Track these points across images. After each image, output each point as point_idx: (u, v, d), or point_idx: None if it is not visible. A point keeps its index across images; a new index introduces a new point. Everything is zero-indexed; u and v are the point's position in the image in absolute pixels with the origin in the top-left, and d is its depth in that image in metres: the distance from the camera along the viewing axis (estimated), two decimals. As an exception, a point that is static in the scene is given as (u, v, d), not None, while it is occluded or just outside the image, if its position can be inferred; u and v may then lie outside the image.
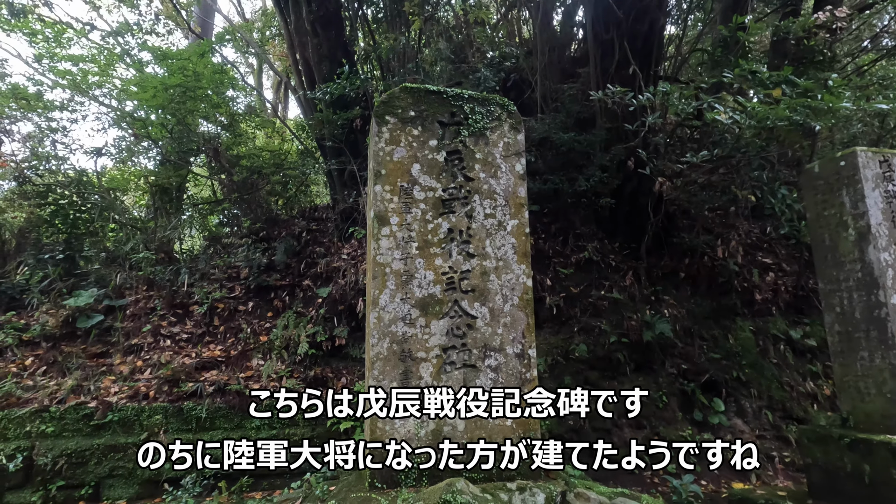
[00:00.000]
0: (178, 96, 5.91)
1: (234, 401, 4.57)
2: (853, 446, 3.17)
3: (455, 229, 2.72)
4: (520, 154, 2.93)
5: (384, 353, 2.50)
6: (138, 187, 8.43)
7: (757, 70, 4.50)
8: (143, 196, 8.92)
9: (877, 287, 3.25)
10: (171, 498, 3.30)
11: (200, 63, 6.40)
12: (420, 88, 2.87)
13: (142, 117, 6.77)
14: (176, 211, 7.94)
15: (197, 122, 7.41)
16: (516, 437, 2.56)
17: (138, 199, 9.46)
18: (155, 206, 8.18)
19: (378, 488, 2.35)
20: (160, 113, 6.35)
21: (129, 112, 6.84)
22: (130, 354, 5.08)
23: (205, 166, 8.70)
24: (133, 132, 6.90)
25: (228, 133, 7.86)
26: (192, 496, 3.20)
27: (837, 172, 3.52)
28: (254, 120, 7.89)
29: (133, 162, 8.76)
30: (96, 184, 7.57)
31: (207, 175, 8.22)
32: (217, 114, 6.89)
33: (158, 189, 8.08)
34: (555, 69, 6.99)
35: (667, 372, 5.34)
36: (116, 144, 8.31)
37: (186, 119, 6.99)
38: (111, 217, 7.30)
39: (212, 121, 7.73)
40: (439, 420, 2.49)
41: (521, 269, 2.76)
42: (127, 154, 8.40)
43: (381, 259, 2.60)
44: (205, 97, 6.15)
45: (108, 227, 7.49)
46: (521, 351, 2.66)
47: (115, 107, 7.44)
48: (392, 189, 2.69)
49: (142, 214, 8.53)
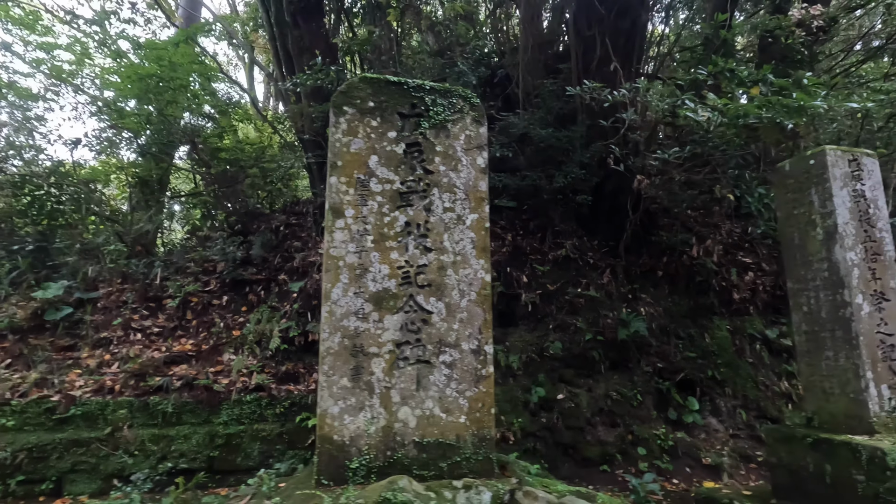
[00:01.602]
0: (153, 86, 5.81)
1: (203, 395, 4.51)
2: (816, 446, 3.15)
3: (412, 223, 2.67)
4: (482, 147, 2.88)
5: (335, 348, 2.45)
6: (119, 179, 8.32)
7: (734, 69, 4.47)
8: (126, 188, 8.82)
9: (842, 286, 3.23)
10: (120, 494, 3.23)
11: (177, 53, 6.30)
12: (380, 79, 2.82)
13: (119, 107, 6.66)
14: (157, 204, 7.85)
15: (178, 113, 7.30)
16: (470, 435, 2.52)
17: (121, 192, 9.35)
18: (135, 198, 8.09)
19: (325, 485, 2.30)
20: (136, 103, 6.24)
21: (107, 102, 6.72)
22: (99, 348, 5.00)
23: (189, 159, 8.61)
24: (109, 122, 6.79)
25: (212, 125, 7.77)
26: (141, 493, 3.12)
27: (807, 171, 3.49)
28: (236, 113, 7.79)
29: (115, 154, 8.65)
30: (74, 175, 7.46)
31: (190, 168, 8.12)
32: (195, 105, 6.78)
33: (139, 181, 7.99)
34: (538, 65, 6.93)
35: (642, 370, 5.32)
36: (97, 135, 8.21)
37: (166, 110, 6.89)
38: (89, 209, 7.20)
39: (194, 112, 7.63)
40: (391, 416, 2.45)
41: (480, 264, 2.72)
42: (108, 145, 8.29)
43: (335, 252, 2.55)
44: (181, 88, 6.04)
45: (88, 220, 7.39)
46: (478, 347, 2.62)
47: (94, 96, 7.32)
48: (348, 181, 2.64)
49: (123, 207, 8.44)
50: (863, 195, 3.38)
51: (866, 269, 3.26)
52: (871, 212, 3.37)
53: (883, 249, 3.35)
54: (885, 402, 3.09)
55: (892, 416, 3.08)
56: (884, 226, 3.38)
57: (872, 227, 3.35)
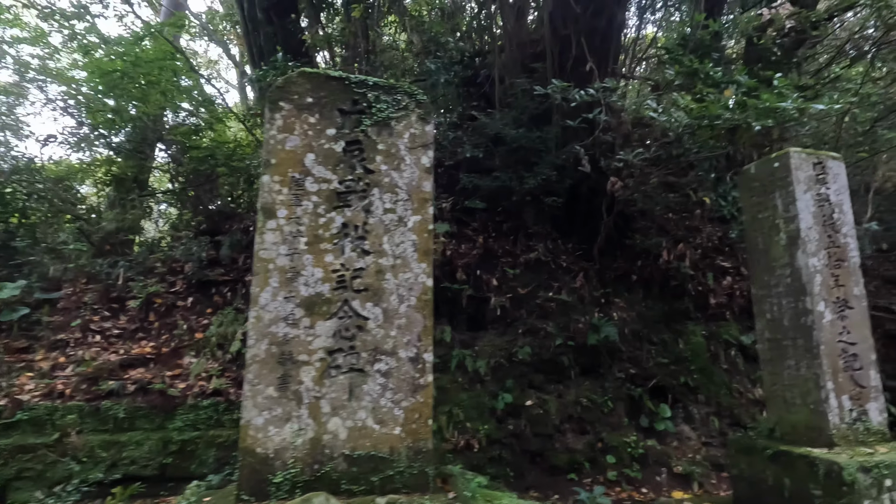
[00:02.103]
0: (117, 82, 5.68)
1: (157, 400, 4.38)
2: (775, 458, 3.05)
3: (350, 224, 2.55)
4: (427, 146, 2.76)
5: (261, 356, 2.33)
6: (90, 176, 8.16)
7: (708, 70, 4.38)
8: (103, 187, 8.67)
9: (804, 293, 3.13)
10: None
11: (150, 50, 6.17)
12: (320, 74, 2.70)
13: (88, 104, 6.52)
14: (131, 202, 7.70)
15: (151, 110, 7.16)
16: (404, 447, 2.40)
17: (99, 190, 9.20)
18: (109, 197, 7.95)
19: (244, 501, 2.18)
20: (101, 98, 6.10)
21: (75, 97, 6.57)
22: (55, 350, 4.86)
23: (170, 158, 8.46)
24: (77, 118, 6.65)
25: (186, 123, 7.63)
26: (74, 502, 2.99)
27: (772, 174, 3.39)
28: (210, 111, 7.65)
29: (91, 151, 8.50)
30: (42, 172, 7.32)
31: (163, 167, 7.98)
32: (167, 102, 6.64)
33: (114, 179, 7.85)
34: (517, 65, 6.83)
35: (614, 376, 5.21)
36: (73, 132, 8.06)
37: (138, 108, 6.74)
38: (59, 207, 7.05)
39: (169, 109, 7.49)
40: (320, 428, 2.33)
41: (422, 268, 2.60)
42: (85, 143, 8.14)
43: (265, 255, 2.43)
44: (149, 84, 5.91)
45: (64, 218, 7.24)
46: (416, 355, 2.50)
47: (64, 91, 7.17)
48: (282, 180, 2.52)
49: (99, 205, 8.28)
50: (827, 199, 3.28)
51: (829, 275, 3.16)
52: (835, 216, 3.27)
53: (847, 255, 3.25)
54: (846, 414, 2.99)
55: (852, 429, 2.98)
56: (848, 231, 3.29)
57: (837, 232, 3.26)
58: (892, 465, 2.73)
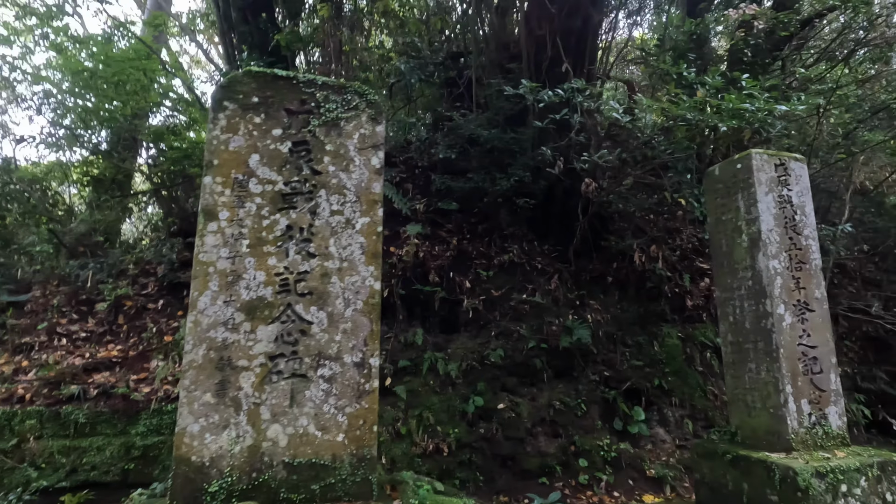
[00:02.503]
0: (87, 81, 5.60)
1: (120, 405, 4.30)
2: (735, 463, 3.01)
3: (295, 226, 2.50)
4: (377, 147, 2.71)
5: (199, 361, 2.27)
6: (68, 178, 8.07)
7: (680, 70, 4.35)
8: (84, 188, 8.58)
9: (765, 296, 3.10)
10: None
11: (124, 50, 6.09)
12: (266, 73, 2.65)
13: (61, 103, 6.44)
14: (107, 203, 7.62)
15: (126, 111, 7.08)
16: (347, 454, 2.34)
17: (80, 191, 9.10)
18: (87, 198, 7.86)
19: (177, 511, 2.12)
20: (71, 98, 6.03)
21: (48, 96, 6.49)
22: (19, 354, 4.78)
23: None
24: (50, 119, 6.57)
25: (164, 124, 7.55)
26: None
27: (734, 175, 3.36)
28: (192, 112, 7.58)
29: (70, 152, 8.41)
30: (20, 172, 7.23)
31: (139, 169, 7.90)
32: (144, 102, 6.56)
33: (93, 180, 7.76)
34: (496, 66, 6.79)
35: (588, 379, 5.17)
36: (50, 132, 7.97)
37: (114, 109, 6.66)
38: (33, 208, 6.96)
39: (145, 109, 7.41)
40: (259, 435, 2.27)
41: (369, 271, 2.55)
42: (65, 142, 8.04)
43: (205, 258, 2.38)
44: (119, 84, 5.84)
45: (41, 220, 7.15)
46: (362, 360, 2.45)
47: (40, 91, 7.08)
48: (224, 181, 2.46)
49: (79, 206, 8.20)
50: (789, 201, 3.25)
51: (790, 277, 3.13)
52: (797, 218, 3.25)
53: (808, 258, 3.22)
54: (805, 418, 2.96)
55: (811, 433, 2.95)
56: (810, 233, 3.26)
57: (798, 234, 3.23)
58: (848, 470, 2.69)
